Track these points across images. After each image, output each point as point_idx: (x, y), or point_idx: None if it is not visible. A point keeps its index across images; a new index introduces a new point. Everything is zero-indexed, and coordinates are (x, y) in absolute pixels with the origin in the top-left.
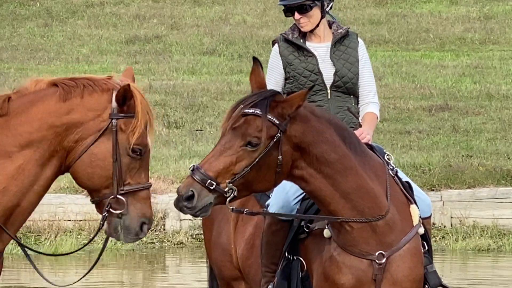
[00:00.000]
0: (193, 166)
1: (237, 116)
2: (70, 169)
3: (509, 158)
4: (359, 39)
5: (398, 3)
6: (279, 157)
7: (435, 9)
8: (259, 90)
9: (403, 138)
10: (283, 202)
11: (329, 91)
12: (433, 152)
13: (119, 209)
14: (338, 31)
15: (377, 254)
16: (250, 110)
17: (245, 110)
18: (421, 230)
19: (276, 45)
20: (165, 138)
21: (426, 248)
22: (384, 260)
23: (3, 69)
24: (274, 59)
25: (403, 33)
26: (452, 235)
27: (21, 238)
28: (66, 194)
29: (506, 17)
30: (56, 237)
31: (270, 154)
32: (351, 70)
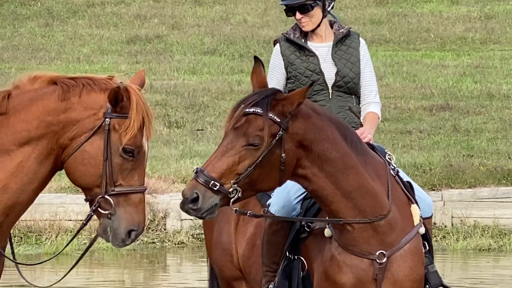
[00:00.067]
0: (196, 168)
1: (238, 116)
2: (64, 165)
3: (510, 158)
4: (361, 39)
5: (399, 3)
6: (283, 155)
7: (436, 8)
8: (260, 89)
9: (404, 138)
10: (284, 202)
11: (330, 91)
12: (434, 151)
13: (107, 209)
14: (340, 31)
15: (378, 253)
16: (251, 110)
17: (246, 110)
18: (422, 230)
19: (277, 44)
20: (166, 137)
21: (427, 248)
22: (385, 259)
23: (4, 69)
24: (276, 59)
25: (404, 32)
26: (453, 235)
27: (22, 238)
28: (67, 194)
29: (507, 16)
30: (57, 236)
31: (273, 152)
32: (353, 70)
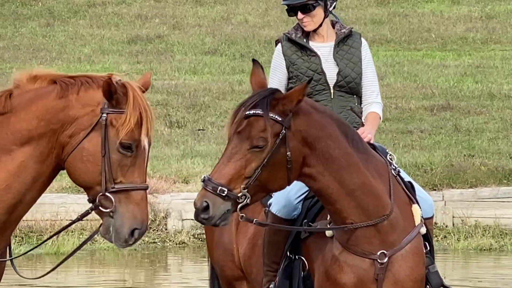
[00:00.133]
0: (204, 177)
1: (239, 119)
2: (65, 165)
3: (511, 158)
4: (362, 39)
5: (400, 3)
6: (288, 153)
7: (437, 8)
8: (259, 90)
9: (405, 138)
10: (285, 202)
11: (332, 91)
12: (435, 151)
13: (109, 207)
14: (342, 31)
15: (379, 253)
16: (251, 112)
17: (246, 112)
18: (423, 230)
19: (279, 44)
20: (167, 137)
21: (428, 248)
22: (386, 259)
23: (5, 69)
24: (277, 59)
25: (405, 32)
26: (454, 235)
27: (22, 238)
28: (68, 194)
29: (508, 16)
30: (58, 236)
31: (278, 151)
32: (354, 70)
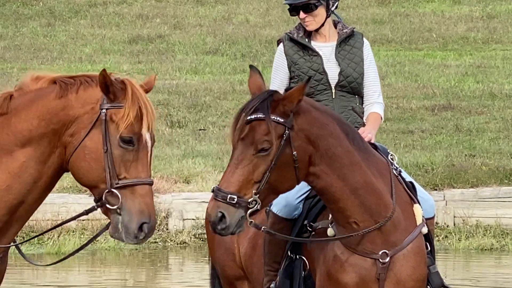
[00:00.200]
0: (213, 188)
1: (242, 125)
2: (68, 166)
3: None
4: (364, 39)
5: (401, 3)
6: (294, 153)
7: (438, 8)
8: (258, 93)
9: (406, 138)
10: (286, 201)
11: (333, 91)
12: (436, 151)
13: (115, 204)
14: (343, 31)
15: (381, 253)
16: (252, 116)
17: (248, 117)
18: (424, 229)
19: (281, 44)
20: (168, 137)
21: (429, 248)
22: (387, 259)
23: (6, 68)
24: (279, 58)
25: (406, 32)
26: (455, 235)
27: (23, 237)
28: (69, 194)
29: (509, 16)
30: (59, 236)
31: (284, 152)
32: (356, 70)
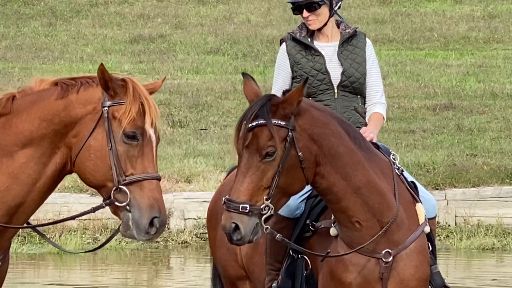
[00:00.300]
0: (224, 199)
1: (244, 134)
2: (75, 168)
3: None
4: (367, 39)
5: (402, 2)
6: (299, 153)
7: (439, 8)
8: (256, 99)
9: (408, 137)
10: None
11: (336, 91)
12: (437, 151)
13: (123, 200)
14: (346, 31)
15: (384, 252)
16: (254, 123)
17: (249, 125)
18: (427, 228)
19: (283, 44)
20: (169, 137)
21: (430, 248)
22: (390, 258)
23: (8, 68)
24: (282, 58)
25: (407, 32)
26: (456, 234)
27: (25, 237)
28: (70, 193)
29: (510, 16)
30: (60, 236)
31: (290, 154)
32: (359, 70)
